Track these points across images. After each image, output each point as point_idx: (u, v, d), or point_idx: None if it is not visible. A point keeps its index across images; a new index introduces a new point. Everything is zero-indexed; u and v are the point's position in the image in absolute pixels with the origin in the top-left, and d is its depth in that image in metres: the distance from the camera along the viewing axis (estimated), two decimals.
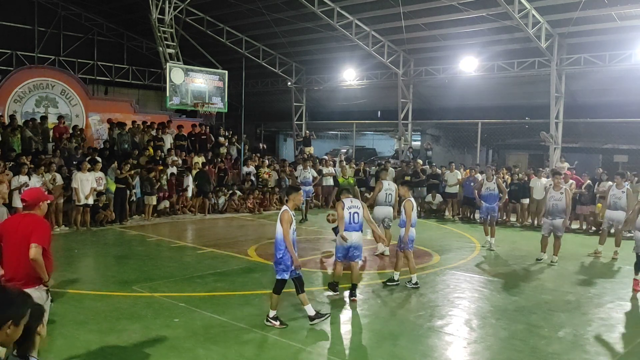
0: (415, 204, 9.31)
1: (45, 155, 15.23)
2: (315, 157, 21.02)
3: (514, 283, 9.43)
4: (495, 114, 21.07)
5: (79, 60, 24.80)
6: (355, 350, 6.41)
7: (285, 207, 6.94)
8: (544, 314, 7.69)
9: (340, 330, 6.99)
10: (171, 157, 17.22)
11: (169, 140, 18.89)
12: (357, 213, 8.02)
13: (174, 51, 18.18)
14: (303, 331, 6.73)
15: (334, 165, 19.58)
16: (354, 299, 8.01)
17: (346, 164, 19.39)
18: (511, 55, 20.06)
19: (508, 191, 14.84)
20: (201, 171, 17.14)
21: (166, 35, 17.99)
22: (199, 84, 18.19)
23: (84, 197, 13.45)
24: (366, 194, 16.44)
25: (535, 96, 20.31)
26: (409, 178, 17.55)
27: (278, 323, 6.82)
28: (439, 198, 17.68)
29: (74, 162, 14.93)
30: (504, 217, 16.47)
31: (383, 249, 11.17)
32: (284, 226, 6.73)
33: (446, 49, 21.33)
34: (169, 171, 16.39)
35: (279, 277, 6.84)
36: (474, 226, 15.70)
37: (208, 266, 10.16)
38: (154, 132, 18.83)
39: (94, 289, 8.51)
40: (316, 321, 6.87)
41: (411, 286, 8.78)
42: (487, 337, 6.81)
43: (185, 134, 19.93)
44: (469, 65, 20.54)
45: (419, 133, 27.21)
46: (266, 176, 18.86)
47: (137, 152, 16.99)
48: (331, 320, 7.09)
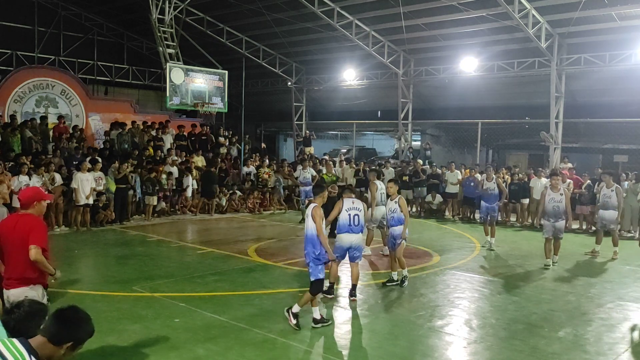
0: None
1: (45, 155, 15.20)
2: (315, 157, 21.02)
3: (514, 283, 9.44)
4: (495, 114, 21.06)
5: (79, 61, 24.77)
6: (355, 350, 6.41)
7: (313, 204, 6.93)
8: (544, 314, 7.69)
9: (340, 330, 6.98)
10: (171, 157, 17.23)
11: (169, 140, 18.90)
12: (358, 215, 7.94)
13: (174, 51, 18.17)
14: (303, 331, 6.73)
15: (334, 165, 19.53)
16: (353, 299, 8.01)
17: (346, 164, 19.39)
18: (511, 55, 20.04)
19: (508, 191, 14.86)
20: (207, 172, 17.13)
21: (166, 35, 17.99)
22: (199, 84, 18.19)
23: (84, 197, 13.46)
24: (366, 195, 16.40)
25: (535, 96, 20.28)
26: (406, 178, 17.60)
27: (295, 322, 6.73)
28: (439, 198, 17.69)
29: (74, 162, 14.93)
30: (504, 217, 16.49)
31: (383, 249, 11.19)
32: (317, 221, 6.68)
33: (446, 49, 21.32)
34: (167, 169, 16.39)
35: (313, 278, 6.72)
36: (474, 226, 15.71)
37: (208, 266, 10.17)
38: (154, 132, 18.85)
39: (94, 289, 8.50)
40: (319, 325, 6.84)
41: (401, 277, 8.88)
42: (487, 337, 6.81)
43: (186, 134, 19.95)
44: (469, 65, 20.52)
45: (419, 133, 27.17)
46: (266, 176, 18.86)
47: (137, 152, 17.01)
48: (331, 320, 7.09)
